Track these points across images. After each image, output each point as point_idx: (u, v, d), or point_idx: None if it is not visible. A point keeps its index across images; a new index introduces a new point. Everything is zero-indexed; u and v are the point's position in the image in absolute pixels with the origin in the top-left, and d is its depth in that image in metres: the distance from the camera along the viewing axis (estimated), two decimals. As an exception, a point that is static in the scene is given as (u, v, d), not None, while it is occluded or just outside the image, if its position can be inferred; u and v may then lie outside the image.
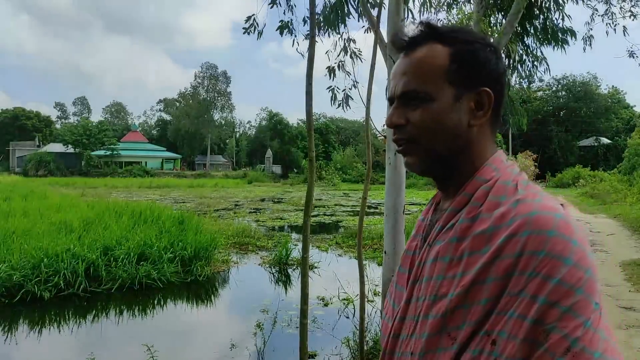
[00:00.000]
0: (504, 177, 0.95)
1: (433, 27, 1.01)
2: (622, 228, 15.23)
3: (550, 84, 60.97)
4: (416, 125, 0.98)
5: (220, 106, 79.47)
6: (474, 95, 0.98)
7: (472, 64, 0.98)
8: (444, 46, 0.98)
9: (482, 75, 0.98)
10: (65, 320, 7.62)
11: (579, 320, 0.77)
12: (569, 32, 7.11)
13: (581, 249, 0.80)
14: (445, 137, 0.97)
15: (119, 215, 12.68)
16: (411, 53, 1.01)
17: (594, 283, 0.80)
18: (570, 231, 0.81)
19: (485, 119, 0.99)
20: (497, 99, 0.99)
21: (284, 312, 7.46)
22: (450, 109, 0.96)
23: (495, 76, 1.00)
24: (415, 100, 0.98)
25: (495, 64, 1.00)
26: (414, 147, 1.00)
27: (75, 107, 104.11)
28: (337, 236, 14.75)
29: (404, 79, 0.99)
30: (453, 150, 0.98)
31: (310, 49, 4.48)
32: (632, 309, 6.51)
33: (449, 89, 0.97)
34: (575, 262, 0.79)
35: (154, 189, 42.81)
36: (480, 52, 0.99)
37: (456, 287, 0.87)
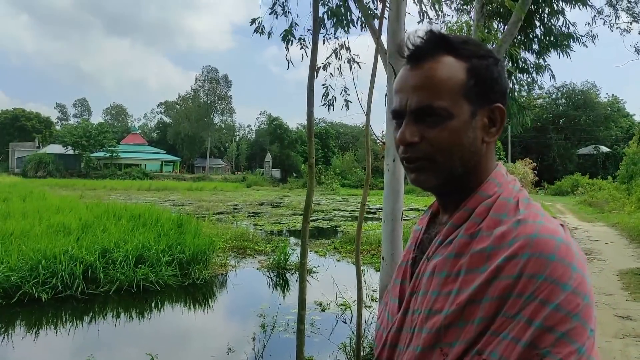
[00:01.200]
0: (505, 193, 0.94)
1: (444, 38, 0.95)
2: (620, 237, 15.25)
3: (550, 91, 61.13)
4: (433, 143, 0.94)
5: (221, 110, 79.53)
6: (487, 111, 0.96)
7: (487, 80, 0.96)
8: (458, 60, 0.95)
9: (495, 91, 0.97)
10: (63, 322, 7.62)
11: (574, 347, 0.76)
12: (571, 37, 7.15)
13: (580, 275, 0.80)
14: (462, 155, 0.94)
15: (117, 217, 12.69)
16: (421, 65, 0.95)
17: (590, 309, 0.79)
18: (570, 256, 0.81)
19: (498, 136, 0.98)
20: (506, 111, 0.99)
21: (282, 317, 7.46)
22: (467, 126, 0.94)
23: (505, 92, 0.99)
24: (432, 116, 0.93)
25: (504, 78, 1.00)
26: (429, 164, 0.95)
27: (76, 108, 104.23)
28: (335, 241, 14.74)
29: (419, 94, 0.94)
30: (468, 168, 0.96)
31: (312, 55, 4.50)
32: (628, 318, 6.52)
33: (466, 106, 0.94)
34: (574, 288, 0.78)
35: (153, 191, 42.78)
36: (494, 68, 0.97)
37: (451, 304, 0.86)
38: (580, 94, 60.83)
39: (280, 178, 68.58)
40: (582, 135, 59.86)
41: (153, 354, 5.35)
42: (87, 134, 64.91)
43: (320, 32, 4.73)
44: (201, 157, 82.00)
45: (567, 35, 7.12)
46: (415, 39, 0.95)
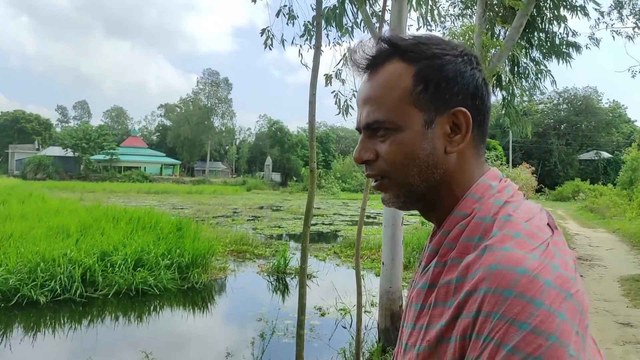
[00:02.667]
0: (483, 211, 0.82)
1: (393, 43, 0.87)
2: (621, 243, 15.21)
3: (551, 96, 61.16)
4: (385, 159, 0.87)
5: (221, 113, 79.62)
6: (447, 117, 0.86)
7: (440, 81, 0.85)
8: (408, 64, 0.86)
9: (454, 92, 0.85)
10: (61, 325, 7.57)
11: None
12: (572, 46, 7.16)
13: (545, 311, 0.67)
14: (419, 170, 0.86)
15: (116, 220, 12.65)
16: (373, 75, 0.89)
17: (559, 348, 0.65)
18: (533, 290, 0.68)
19: (465, 143, 0.86)
20: (478, 114, 0.87)
21: (281, 321, 7.43)
22: (421, 137, 0.85)
23: (472, 90, 0.87)
24: (381, 130, 0.87)
25: (471, 75, 0.87)
26: (387, 182, 0.89)
27: (76, 110, 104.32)
28: (335, 245, 14.71)
29: (367, 108, 0.88)
30: (430, 183, 0.87)
31: (315, 58, 4.48)
32: (629, 324, 6.49)
33: (417, 115, 0.85)
34: (533, 327, 0.66)
35: (152, 194, 42.75)
36: (450, 66, 0.85)
37: (422, 341, 0.80)
38: (582, 99, 60.89)
39: (280, 181, 68.60)
40: (583, 140, 59.91)
41: (153, 359, 5.31)
42: (87, 137, 64.95)
43: (321, 37, 4.70)
44: (201, 160, 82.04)
45: (569, 44, 7.13)
46: (368, 47, 0.89)
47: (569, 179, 49.33)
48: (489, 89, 0.91)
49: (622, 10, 9.46)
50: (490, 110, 0.91)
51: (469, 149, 0.88)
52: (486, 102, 0.89)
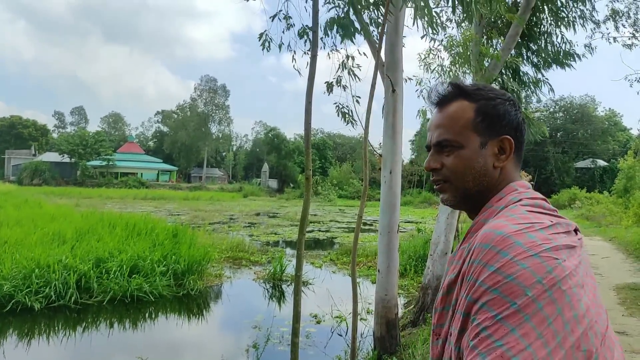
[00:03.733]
0: (501, 202, 1.13)
1: (460, 87, 1.20)
2: (616, 251, 15.23)
3: (547, 105, 61.36)
4: (449, 168, 1.18)
5: (218, 119, 79.59)
6: (497, 142, 1.17)
7: (493, 116, 1.17)
8: (470, 102, 1.18)
9: (503, 125, 1.17)
10: (55, 332, 7.54)
11: (491, 314, 0.91)
12: (571, 55, 7.21)
13: (508, 259, 0.93)
14: (474, 177, 1.16)
15: (112, 226, 12.61)
16: (442, 108, 1.21)
17: (514, 286, 0.91)
18: (503, 244, 0.95)
19: (508, 161, 1.18)
20: (517, 142, 1.19)
21: (276, 329, 7.41)
22: (477, 154, 1.16)
23: (515, 125, 1.19)
24: (448, 147, 1.18)
25: (515, 114, 1.19)
26: (448, 186, 1.20)
27: (73, 116, 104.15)
28: (331, 252, 14.70)
29: (439, 130, 1.19)
30: (481, 188, 1.17)
31: (311, 66, 4.49)
32: (624, 333, 6.48)
33: (475, 138, 1.16)
34: (496, 269, 0.93)
35: (149, 200, 42.69)
36: (500, 106, 1.18)
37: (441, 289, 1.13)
38: (578, 107, 61.12)
39: (277, 188, 68.57)
40: (579, 148, 60.07)
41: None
42: (83, 142, 64.81)
43: (318, 44, 4.71)
44: (198, 166, 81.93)
45: (566, 53, 7.18)
46: (441, 89, 1.22)
47: (565, 187, 49.44)
48: (525, 126, 1.23)
49: (617, 19, 9.52)
50: (525, 141, 1.24)
51: (510, 166, 1.19)
52: (524, 134, 1.22)
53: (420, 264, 11.14)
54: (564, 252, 0.98)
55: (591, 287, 1.03)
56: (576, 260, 1.00)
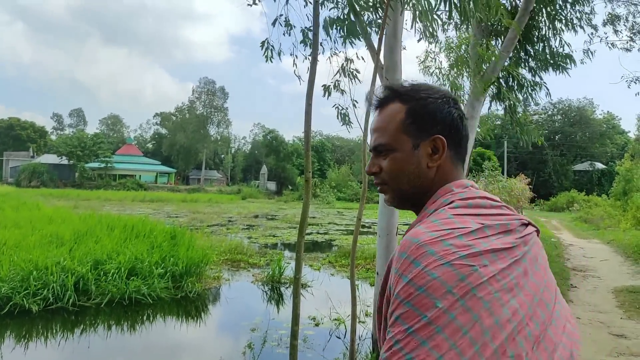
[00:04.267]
0: (433, 205, 1.14)
1: (394, 89, 1.22)
2: (615, 254, 15.24)
3: (545, 108, 61.53)
4: (386, 171, 1.20)
5: (217, 121, 79.63)
6: (429, 142, 1.17)
7: (423, 116, 1.18)
8: (402, 104, 1.19)
9: (434, 124, 1.17)
10: (53, 334, 7.51)
11: (403, 327, 0.92)
12: (568, 58, 7.22)
13: (420, 269, 0.93)
14: (408, 179, 1.18)
15: (110, 228, 12.59)
16: (381, 112, 1.23)
17: (424, 298, 0.91)
18: (417, 254, 0.95)
19: (444, 161, 1.18)
20: (453, 140, 1.19)
21: (275, 331, 7.39)
22: (409, 156, 1.17)
23: (449, 122, 1.19)
24: (384, 151, 1.20)
25: (448, 112, 1.19)
26: (387, 188, 1.23)
27: (72, 118, 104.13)
28: (330, 255, 14.68)
29: (375, 135, 1.22)
30: (417, 189, 1.19)
31: (311, 70, 4.49)
32: (623, 336, 6.48)
33: (407, 140, 1.18)
34: (409, 280, 0.94)
35: (147, 202, 42.65)
36: (431, 105, 1.18)
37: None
38: (576, 110, 61.26)
39: (275, 190, 68.56)
40: (577, 151, 60.19)
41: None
42: (82, 144, 64.81)
43: (318, 47, 4.71)
44: (196, 168, 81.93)
45: (565, 56, 7.19)
46: (379, 92, 1.24)
47: (564, 190, 49.55)
48: (464, 122, 1.22)
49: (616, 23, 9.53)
50: (466, 137, 1.23)
51: (447, 165, 1.19)
52: (461, 131, 1.21)
53: (419, 266, 11.15)
54: (486, 257, 0.97)
55: (532, 286, 1.02)
56: (506, 262, 0.99)
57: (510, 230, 1.06)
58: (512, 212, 1.13)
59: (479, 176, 25.02)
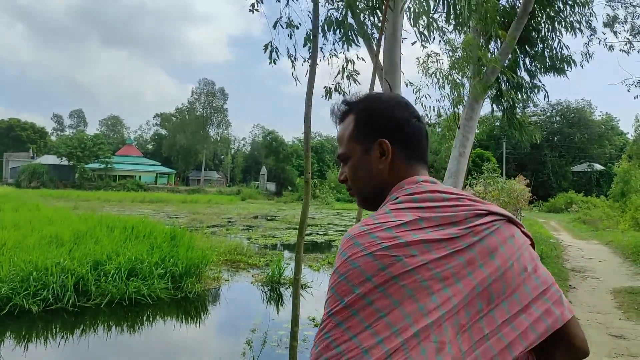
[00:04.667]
0: (384, 202, 1.23)
1: (349, 102, 1.33)
2: (613, 255, 15.26)
3: (544, 109, 61.56)
4: (348, 177, 1.31)
5: (217, 122, 79.66)
6: (376, 146, 1.25)
7: (367, 123, 1.27)
8: (353, 115, 1.30)
9: (378, 129, 1.25)
10: (53, 335, 7.53)
11: (326, 310, 1.04)
12: (567, 60, 7.23)
13: (344, 259, 1.06)
14: (364, 183, 1.29)
15: (110, 229, 12.61)
16: (340, 124, 1.34)
17: (344, 285, 1.03)
18: (346, 246, 1.07)
19: (396, 160, 1.25)
20: (400, 141, 1.25)
21: (274, 332, 7.41)
22: (361, 161, 1.27)
23: (392, 126, 1.26)
24: (344, 160, 1.31)
25: (390, 117, 1.26)
26: (353, 192, 1.34)
27: (72, 119, 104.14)
28: (329, 255, 14.69)
29: (339, 146, 1.34)
30: (375, 190, 1.27)
31: (311, 70, 4.50)
32: (622, 337, 6.50)
33: (358, 147, 1.28)
34: (336, 269, 1.06)
35: (147, 203, 42.64)
36: (375, 113, 1.27)
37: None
38: (575, 111, 61.30)
39: (275, 191, 68.55)
40: (576, 152, 60.23)
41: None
42: (82, 145, 64.79)
43: (318, 48, 4.72)
44: (196, 169, 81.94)
45: (564, 60, 7.21)
46: (338, 106, 1.35)
47: (562, 191, 49.55)
48: (410, 123, 1.27)
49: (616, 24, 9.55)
50: (419, 136, 1.29)
51: (399, 164, 1.25)
52: (408, 132, 1.27)
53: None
54: (415, 248, 1.05)
55: (478, 275, 1.07)
56: (442, 252, 1.06)
57: (456, 222, 1.12)
58: (472, 203, 1.17)
59: (479, 177, 25.04)
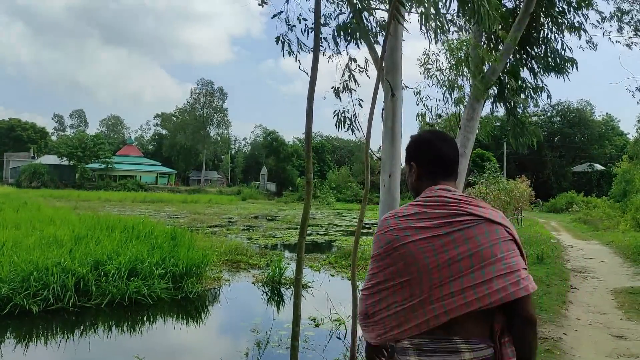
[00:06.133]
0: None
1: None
2: (614, 255, 15.24)
3: (545, 109, 61.53)
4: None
5: (217, 122, 79.67)
6: (410, 166, 2.07)
7: (407, 153, 2.11)
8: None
9: (409, 157, 2.09)
10: (53, 335, 7.53)
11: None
12: (570, 61, 7.21)
13: (375, 234, 1.96)
14: (409, 187, 2.13)
15: (110, 229, 12.60)
16: None
17: (373, 248, 1.94)
18: (378, 228, 1.95)
19: (422, 175, 2.03)
20: (422, 163, 2.04)
21: (275, 332, 7.40)
22: (406, 175, 2.11)
23: (416, 154, 2.06)
24: (404, 174, 2.77)
25: (415, 148, 2.08)
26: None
27: (73, 119, 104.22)
28: (330, 256, 14.69)
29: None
30: (412, 192, 2.10)
31: (312, 69, 4.48)
32: (623, 337, 6.49)
33: (406, 166, 2.11)
34: (374, 236, 1.96)
35: (147, 203, 42.67)
36: (409, 146, 2.10)
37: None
38: (575, 112, 61.26)
39: (275, 191, 68.57)
40: (576, 153, 60.21)
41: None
42: (82, 145, 64.85)
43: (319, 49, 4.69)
44: (196, 169, 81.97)
45: (567, 60, 7.18)
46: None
47: (563, 191, 49.52)
48: (432, 150, 2.03)
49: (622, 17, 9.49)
50: (441, 159, 2.01)
51: (424, 177, 2.03)
52: (427, 157, 2.04)
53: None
54: (408, 231, 1.82)
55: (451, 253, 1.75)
56: (426, 234, 1.79)
57: (442, 217, 1.82)
58: (464, 206, 1.84)
59: (480, 177, 25.05)
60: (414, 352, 1.80)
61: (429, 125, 8.00)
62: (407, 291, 1.76)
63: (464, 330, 1.75)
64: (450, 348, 1.74)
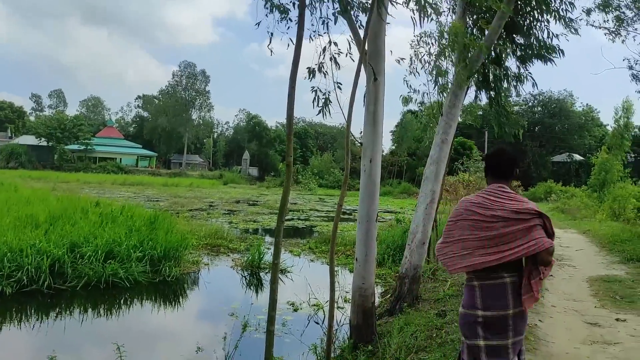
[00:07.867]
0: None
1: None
2: (590, 244, 15.46)
3: (526, 99, 61.92)
4: None
5: (199, 105, 78.87)
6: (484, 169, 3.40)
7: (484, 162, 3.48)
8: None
9: (486, 165, 3.33)
10: (27, 317, 7.42)
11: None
12: (555, 50, 7.22)
13: (452, 213, 3.25)
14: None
15: (87, 211, 12.41)
16: None
17: (450, 221, 3.21)
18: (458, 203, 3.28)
19: (488, 177, 3.26)
20: (490, 169, 3.24)
21: (254, 316, 7.36)
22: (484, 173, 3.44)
23: (487, 163, 3.30)
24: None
25: (487, 158, 3.35)
26: None
27: (51, 99, 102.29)
28: (310, 241, 14.69)
29: None
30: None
31: (296, 49, 4.41)
32: (597, 324, 6.57)
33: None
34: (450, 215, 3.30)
35: (127, 186, 42.23)
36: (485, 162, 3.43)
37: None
38: (556, 102, 61.79)
39: (257, 176, 68.34)
40: (556, 143, 60.82)
41: (124, 351, 5.19)
42: (61, 126, 63.78)
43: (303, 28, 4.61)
44: (178, 152, 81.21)
45: (550, 48, 7.19)
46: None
47: (542, 180, 50.03)
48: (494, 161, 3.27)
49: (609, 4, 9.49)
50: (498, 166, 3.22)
51: (490, 178, 3.24)
52: (492, 164, 3.25)
53: (399, 253, 11.17)
54: (469, 210, 3.07)
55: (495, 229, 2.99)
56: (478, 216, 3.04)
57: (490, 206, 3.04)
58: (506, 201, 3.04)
59: (465, 164, 25.53)
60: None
61: (411, 112, 8.01)
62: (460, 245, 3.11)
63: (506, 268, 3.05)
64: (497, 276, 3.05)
